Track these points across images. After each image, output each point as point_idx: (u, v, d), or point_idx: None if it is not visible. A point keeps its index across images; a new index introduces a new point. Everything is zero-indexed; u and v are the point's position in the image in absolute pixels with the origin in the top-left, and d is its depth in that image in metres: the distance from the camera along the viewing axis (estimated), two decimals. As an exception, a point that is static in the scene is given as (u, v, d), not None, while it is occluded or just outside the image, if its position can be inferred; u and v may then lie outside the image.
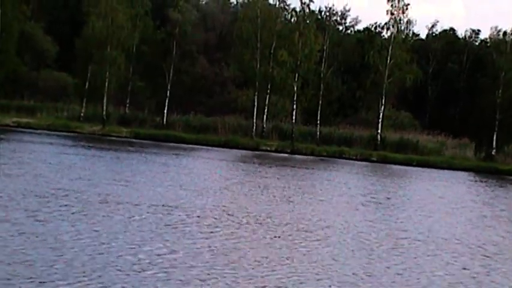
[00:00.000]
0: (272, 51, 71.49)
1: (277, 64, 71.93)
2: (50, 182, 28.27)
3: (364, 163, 62.70)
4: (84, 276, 14.54)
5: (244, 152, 62.86)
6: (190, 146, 63.97)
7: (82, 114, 72.33)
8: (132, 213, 22.86)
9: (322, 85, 72.53)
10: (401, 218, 28.35)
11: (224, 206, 26.42)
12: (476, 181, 52.82)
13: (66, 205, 23.17)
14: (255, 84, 72.20)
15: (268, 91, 72.04)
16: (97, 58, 71.20)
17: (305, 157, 63.57)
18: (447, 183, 48.98)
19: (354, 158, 65.68)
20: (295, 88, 71.78)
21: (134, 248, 17.85)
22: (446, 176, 54.76)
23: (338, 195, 34.10)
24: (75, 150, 46.80)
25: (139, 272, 15.41)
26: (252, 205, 27.47)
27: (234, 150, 63.15)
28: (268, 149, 66.81)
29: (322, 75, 72.85)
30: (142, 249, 17.83)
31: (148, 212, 23.38)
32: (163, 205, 25.20)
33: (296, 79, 71.84)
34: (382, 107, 70.79)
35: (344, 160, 63.70)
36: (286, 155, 64.90)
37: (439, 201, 36.54)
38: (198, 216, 23.58)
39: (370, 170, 55.34)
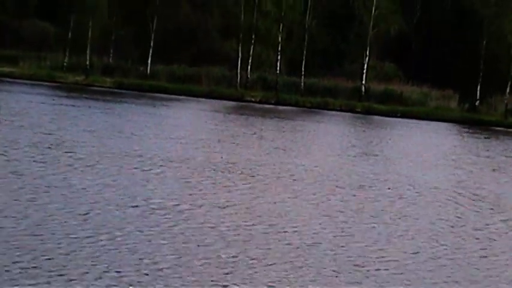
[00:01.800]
0: (256, 1, 71.17)
1: (262, 14, 71.61)
2: (51, 134, 28.25)
3: (348, 114, 62.92)
4: (104, 229, 14.64)
5: (229, 102, 62.83)
6: (175, 96, 63.83)
7: (65, 64, 71.80)
8: (136, 166, 22.91)
9: (306, 36, 72.37)
10: (399, 170, 28.58)
11: (225, 158, 26.51)
12: (466, 132, 53.15)
13: (71, 157, 23.18)
14: (239, 35, 71.93)
15: (253, 41, 71.80)
16: (79, 7, 70.59)
17: (290, 108, 63.67)
18: (436, 135, 49.35)
19: (338, 109, 65.78)
20: (280, 39, 71.59)
21: (146, 199, 17.96)
22: (433, 128, 55.11)
23: (333, 148, 34.30)
24: (67, 101, 46.59)
25: (158, 225, 15.51)
26: (252, 157, 27.59)
27: (219, 101, 63.10)
28: (253, 99, 66.78)
29: (306, 25, 72.65)
30: (154, 201, 17.94)
31: (153, 164, 23.43)
32: (161, 157, 25.26)
33: (281, 30, 71.63)
34: (367, 58, 70.82)
35: (328, 111, 63.85)
36: (270, 105, 64.92)
37: (432, 152, 36.82)
38: (203, 168, 23.68)
39: (357, 121, 55.55)
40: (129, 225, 15.13)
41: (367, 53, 71.03)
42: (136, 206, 17.11)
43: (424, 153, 35.73)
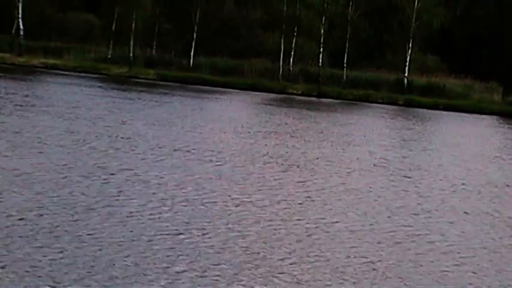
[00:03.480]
0: (299, -6, 71.23)
1: (304, 6, 71.68)
2: (112, 126, 28.67)
3: (391, 107, 62.76)
4: (186, 223, 14.88)
5: (272, 95, 62.95)
6: (217, 88, 64.03)
7: (109, 56, 72.42)
8: (195, 158, 23.13)
9: (349, 28, 72.29)
10: (457, 163, 28.58)
11: (286, 151, 26.69)
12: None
13: (133, 150, 23.48)
14: (282, 27, 72.03)
15: (295, 34, 71.89)
16: (123, -1, 71.25)
17: (332, 100, 63.65)
18: (485, 128, 49.11)
19: (381, 101, 65.65)
20: (322, 31, 71.56)
21: (224, 195, 18.18)
22: (479, 120, 54.83)
23: (385, 141, 34.39)
24: (118, 93, 47.04)
25: (227, 219, 15.73)
26: (313, 150, 27.77)
27: (262, 94, 63.23)
28: (295, 92, 66.84)
29: (349, 17, 72.57)
30: (220, 196, 18.13)
31: (212, 156, 23.65)
32: (219, 150, 25.49)
33: (323, 22, 71.62)
34: (409, 50, 70.65)
35: (371, 104, 63.75)
36: (312, 98, 64.96)
37: (486, 146, 36.70)
38: (266, 162, 23.87)
39: (402, 114, 55.45)
40: (208, 220, 15.38)
41: (410, 45, 70.86)
42: (209, 201, 17.35)
43: (478, 147, 35.66)
